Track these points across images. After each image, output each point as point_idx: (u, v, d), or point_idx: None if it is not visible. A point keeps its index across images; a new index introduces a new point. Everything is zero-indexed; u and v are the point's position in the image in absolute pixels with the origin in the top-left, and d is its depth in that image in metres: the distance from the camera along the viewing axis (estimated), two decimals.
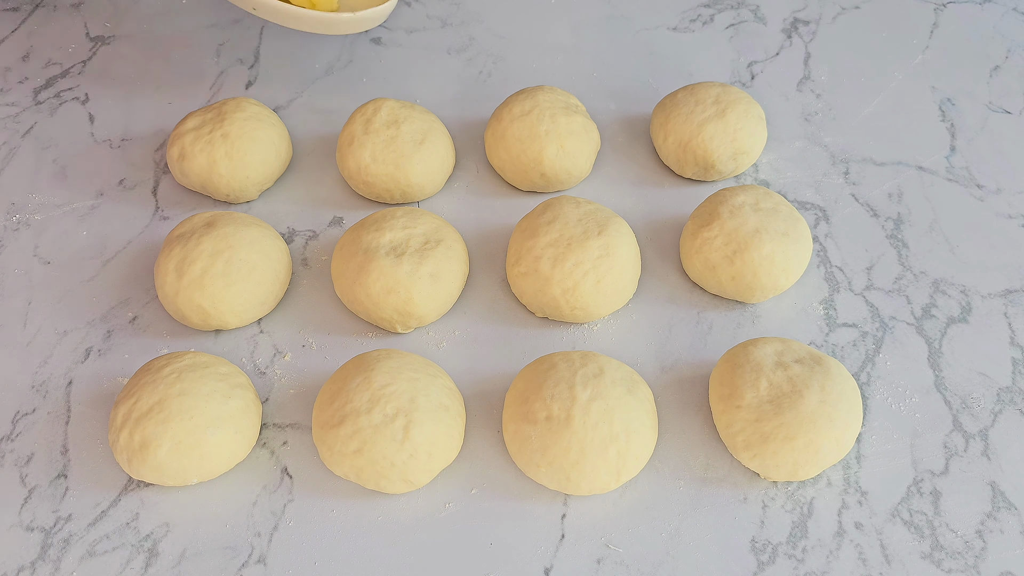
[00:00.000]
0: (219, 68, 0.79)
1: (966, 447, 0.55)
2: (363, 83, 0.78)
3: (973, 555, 0.50)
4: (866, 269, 0.64)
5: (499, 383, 0.59)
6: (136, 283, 0.65)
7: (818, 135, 0.72)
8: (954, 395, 0.57)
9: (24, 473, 0.56)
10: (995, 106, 0.74)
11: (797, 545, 0.51)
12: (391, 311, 0.59)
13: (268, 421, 0.57)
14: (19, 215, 0.69)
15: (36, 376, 0.60)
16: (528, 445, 0.52)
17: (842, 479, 0.54)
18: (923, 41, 0.79)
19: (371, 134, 0.66)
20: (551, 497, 0.54)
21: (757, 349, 0.55)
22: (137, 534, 0.53)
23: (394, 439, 0.51)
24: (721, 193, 0.62)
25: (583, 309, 0.59)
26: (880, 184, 0.69)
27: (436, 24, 0.83)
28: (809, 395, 0.52)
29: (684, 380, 0.58)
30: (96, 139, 0.75)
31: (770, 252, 0.59)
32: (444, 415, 0.53)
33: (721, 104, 0.67)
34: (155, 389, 0.53)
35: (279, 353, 0.61)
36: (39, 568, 0.52)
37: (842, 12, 0.82)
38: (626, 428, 0.51)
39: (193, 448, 0.52)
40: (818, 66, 0.78)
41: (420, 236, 0.61)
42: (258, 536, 0.52)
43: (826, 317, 0.61)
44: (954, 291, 0.62)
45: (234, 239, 0.60)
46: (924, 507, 0.52)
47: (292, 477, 0.55)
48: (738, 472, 0.54)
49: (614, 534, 0.52)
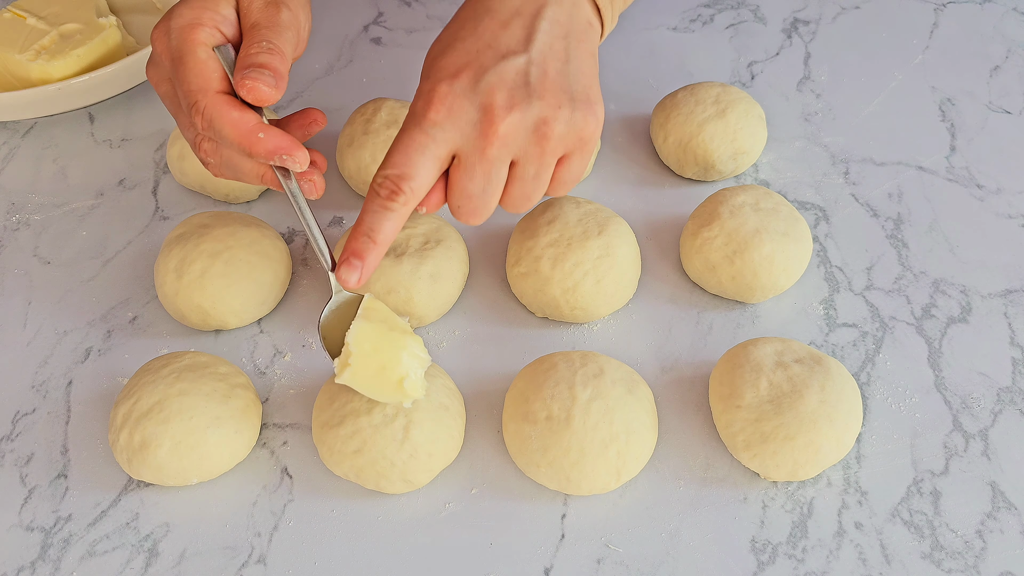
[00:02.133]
0: None
1: (966, 447, 0.55)
2: (363, 83, 0.78)
3: (973, 555, 0.50)
4: (866, 269, 0.64)
5: (499, 383, 0.59)
6: (136, 283, 0.65)
7: (818, 135, 0.72)
8: (954, 395, 0.57)
9: (24, 473, 0.56)
10: (995, 106, 0.74)
11: (797, 545, 0.51)
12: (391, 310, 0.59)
13: (268, 421, 0.57)
14: (19, 215, 0.69)
15: (36, 376, 0.60)
16: (528, 445, 0.52)
17: (842, 479, 0.54)
18: (923, 41, 0.79)
19: (371, 134, 0.66)
20: (551, 497, 0.54)
21: (757, 349, 0.55)
22: (137, 534, 0.53)
23: (394, 439, 0.51)
24: (721, 193, 0.62)
25: (583, 309, 0.59)
26: (880, 184, 0.69)
27: (436, 24, 0.83)
28: (809, 395, 0.52)
29: (684, 380, 0.58)
30: (96, 139, 0.75)
31: (770, 252, 0.59)
32: (444, 415, 0.53)
33: (721, 104, 0.67)
34: (155, 389, 0.53)
35: (279, 353, 0.61)
36: (39, 568, 0.52)
37: (842, 12, 0.82)
38: (626, 428, 0.51)
39: (193, 448, 0.52)
40: (818, 66, 0.78)
41: (420, 236, 0.61)
42: (258, 536, 0.52)
43: (826, 317, 0.61)
44: (954, 291, 0.62)
45: (234, 239, 0.60)
46: (924, 507, 0.52)
47: (292, 477, 0.55)
48: (738, 472, 0.54)
49: (614, 534, 0.52)
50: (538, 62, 0.48)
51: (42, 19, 0.74)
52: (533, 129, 0.48)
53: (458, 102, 0.47)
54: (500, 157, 0.48)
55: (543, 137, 0.48)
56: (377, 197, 0.47)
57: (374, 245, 0.48)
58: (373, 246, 0.48)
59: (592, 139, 0.50)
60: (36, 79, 0.72)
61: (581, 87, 0.49)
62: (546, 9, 0.49)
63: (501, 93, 0.47)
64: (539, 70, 0.48)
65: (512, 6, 0.49)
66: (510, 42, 0.48)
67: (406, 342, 0.50)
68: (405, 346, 0.49)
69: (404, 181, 0.47)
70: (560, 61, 0.49)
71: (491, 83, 0.47)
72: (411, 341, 0.50)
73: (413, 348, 0.50)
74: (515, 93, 0.47)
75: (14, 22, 0.74)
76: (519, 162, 0.49)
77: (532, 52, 0.48)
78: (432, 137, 0.47)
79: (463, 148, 0.48)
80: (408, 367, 0.49)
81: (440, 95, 0.47)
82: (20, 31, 0.73)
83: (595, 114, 0.49)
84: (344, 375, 0.49)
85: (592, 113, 0.49)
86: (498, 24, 0.49)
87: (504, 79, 0.47)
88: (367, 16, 0.84)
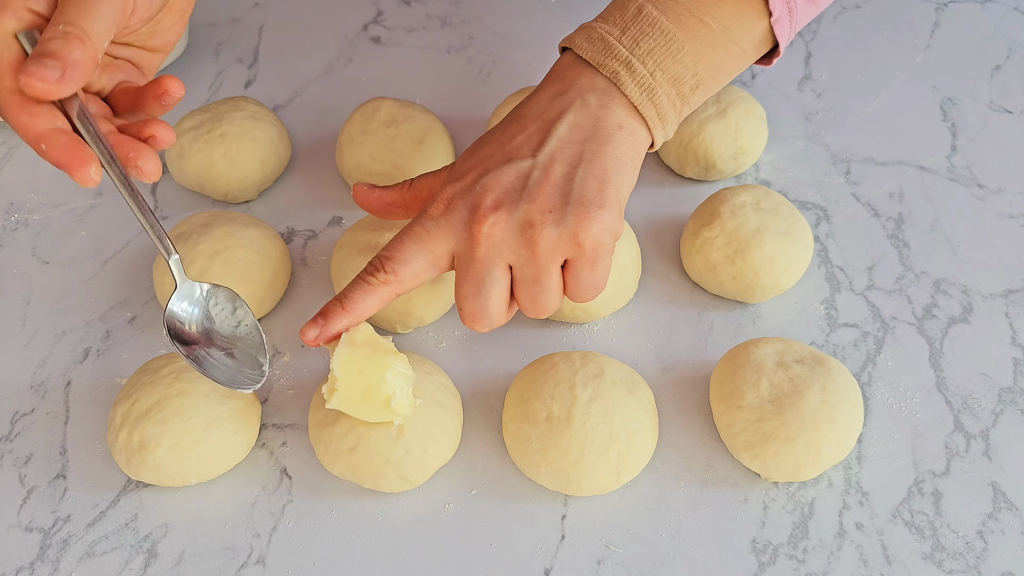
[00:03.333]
0: (218, 67, 0.79)
1: (967, 447, 0.55)
2: (363, 82, 0.78)
3: (974, 556, 0.50)
4: (867, 269, 0.63)
5: (499, 383, 0.58)
6: (135, 283, 0.65)
7: (819, 135, 0.72)
8: (955, 395, 0.57)
9: (23, 473, 0.55)
10: (996, 106, 0.74)
11: (798, 546, 0.51)
12: (391, 311, 0.59)
13: (267, 421, 0.57)
14: (18, 215, 0.69)
15: (35, 376, 0.60)
16: (528, 445, 0.52)
17: (843, 480, 0.53)
18: (924, 40, 0.79)
19: (370, 134, 0.66)
20: (551, 498, 0.53)
21: (758, 349, 0.55)
22: (136, 535, 0.53)
23: (388, 435, 0.51)
24: (722, 193, 0.62)
25: (583, 309, 0.59)
26: (881, 184, 0.69)
27: (436, 23, 0.83)
28: (810, 395, 0.52)
29: (685, 380, 0.58)
30: None
31: (771, 252, 0.59)
32: (439, 411, 0.53)
33: (722, 103, 0.67)
34: (154, 389, 0.53)
35: (278, 353, 0.61)
36: (38, 569, 0.51)
37: (843, 11, 0.82)
38: (627, 429, 0.51)
39: (192, 448, 0.52)
40: (819, 65, 0.77)
41: None
42: (257, 537, 0.52)
43: (827, 317, 0.61)
44: (955, 291, 0.62)
45: (233, 239, 0.60)
46: (925, 508, 0.52)
47: (291, 478, 0.55)
48: (739, 473, 0.54)
49: (614, 535, 0.52)
50: (542, 165, 0.48)
51: None
52: (519, 232, 0.48)
53: (455, 202, 0.49)
54: (489, 258, 0.48)
55: (531, 241, 0.48)
56: (364, 271, 0.50)
57: (342, 311, 0.49)
58: (341, 312, 0.49)
59: (594, 244, 0.48)
60: None
61: (588, 190, 0.48)
62: (567, 114, 0.49)
63: (492, 194, 0.48)
64: (541, 173, 0.48)
65: (537, 112, 0.50)
66: (522, 147, 0.49)
67: (390, 361, 0.50)
68: (389, 365, 0.50)
69: (389, 262, 0.49)
70: (569, 165, 0.48)
71: (486, 184, 0.48)
72: (395, 360, 0.50)
73: (397, 366, 0.50)
74: (506, 195, 0.48)
75: None
76: (515, 266, 0.49)
77: (539, 156, 0.48)
78: (427, 230, 0.49)
79: (456, 249, 0.49)
80: (393, 385, 0.50)
81: (444, 194, 0.49)
82: None
83: (594, 218, 0.47)
84: (332, 400, 0.50)
85: (589, 217, 0.47)
86: (518, 129, 0.50)
87: (501, 181, 0.48)
88: (367, 15, 0.84)
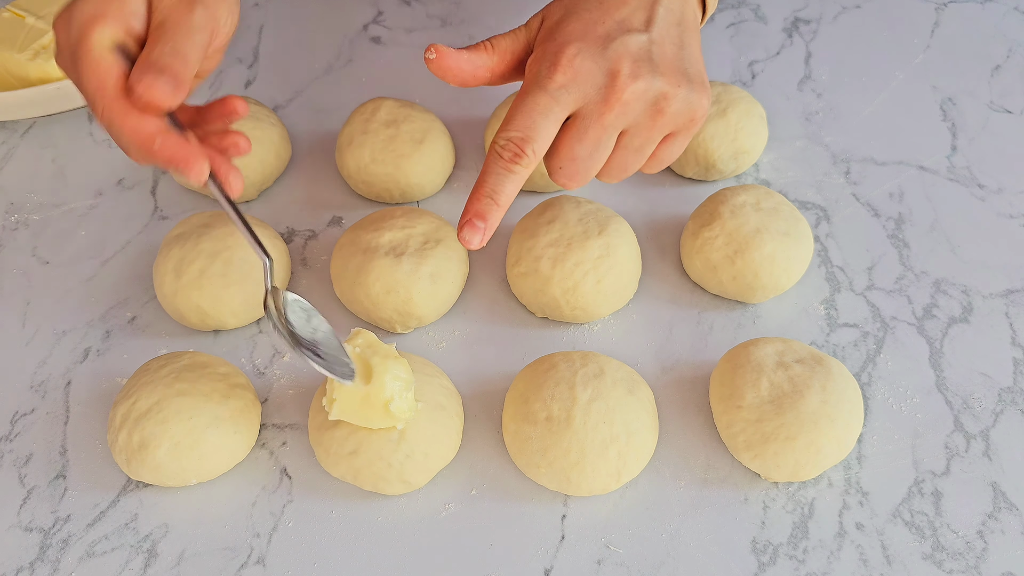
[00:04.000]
0: (218, 67, 0.79)
1: (967, 447, 0.55)
2: (363, 82, 0.78)
3: (974, 556, 0.50)
4: (867, 269, 0.63)
5: (499, 383, 0.58)
6: (135, 283, 0.65)
7: (819, 135, 0.72)
8: (955, 395, 0.57)
9: (23, 473, 0.55)
10: (996, 106, 0.74)
11: (798, 546, 0.51)
12: (391, 311, 0.59)
13: (267, 422, 0.57)
14: (18, 215, 0.69)
15: (35, 376, 0.60)
16: (528, 446, 0.52)
17: (843, 480, 0.53)
18: (924, 40, 0.79)
19: (370, 133, 0.66)
20: (551, 498, 0.53)
21: (758, 349, 0.55)
22: (136, 535, 0.53)
23: (390, 439, 0.51)
24: (722, 193, 0.62)
25: (583, 309, 0.59)
26: (881, 184, 0.68)
27: (436, 23, 0.83)
28: (810, 395, 0.52)
29: (685, 380, 0.58)
30: (95, 139, 0.75)
31: (771, 252, 0.59)
32: (441, 414, 0.53)
33: (722, 103, 0.67)
34: (154, 389, 0.53)
35: (278, 353, 0.61)
36: (38, 569, 0.51)
37: (843, 11, 0.82)
38: (626, 429, 0.51)
39: (192, 448, 0.52)
40: (819, 65, 0.77)
41: (420, 236, 0.61)
42: (257, 537, 0.52)
43: (827, 317, 0.61)
44: (955, 291, 0.62)
45: (233, 239, 0.60)
46: (925, 508, 0.52)
47: (291, 478, 0.55)
48: (739, 473, 0.54)
49: (614, 535, 0.52)
50: (659, 42, 0.49)
51: (41, 18, 0.75)
52: (652, 102, 0.49)
53: (586, 65, 0.48)
54: (615, 124, 0.49)
55: (659, 111, 0.49)
56: (500, 159, 0.47)
57: (497, 207, 0.47)
58: (496, 207, 0.47)
59: (700, 121, 0.51)
60: (35, 78, 0.72)
61: (696, 71, 0.50)
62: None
63: (627, 62, 0.48)
64: (660, 49, 0.49)
65: None
66: (632, 20, 0.50)
67: (388, 366, 0.50)
68: (387, 370, 0.50)
69: (527, 144, 0.47)
70: (676, 46, 0.50)
71: (618, 51, 0.48)
72: (393, 364, 0.50)
73: (396, 371, 0.50)
74: (640, 65, 0.48)
75: (13, 21, 0.74)
76: (628, 132, 0.50)
77: (653, 33, 0.49)
78: (557, 100, 0.47)
79: (582, 111, 0.48)
80: (392, 390, 0.49)
81: (568, 56, 0.48)
82: (19, 30, 0.73)
83: (707, 96, 0.51)
84: (334, 411, 0.50)
85: (706, 96, 0.50)
86: (620, 2, 0.50)
87: (630, 50, 0.48)
88: (367, 15, 0.84)
